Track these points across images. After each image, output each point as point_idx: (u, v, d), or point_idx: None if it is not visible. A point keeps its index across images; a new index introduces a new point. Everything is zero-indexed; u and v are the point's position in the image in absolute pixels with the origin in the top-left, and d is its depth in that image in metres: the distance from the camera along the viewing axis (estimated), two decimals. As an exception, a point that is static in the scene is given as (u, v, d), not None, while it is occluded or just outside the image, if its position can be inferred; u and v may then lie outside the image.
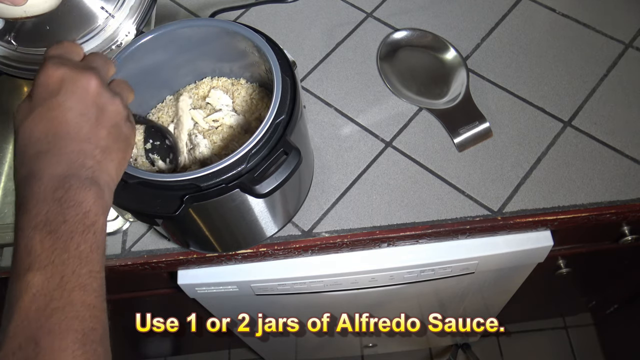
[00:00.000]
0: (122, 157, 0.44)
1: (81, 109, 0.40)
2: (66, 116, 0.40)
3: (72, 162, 0.39)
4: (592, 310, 1.49)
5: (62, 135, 0.39)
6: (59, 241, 0.36)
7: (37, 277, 0.35)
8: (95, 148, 0.41)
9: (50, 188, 0.38)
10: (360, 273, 0.75)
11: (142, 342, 1.43)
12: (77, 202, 0.38)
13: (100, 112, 0.42)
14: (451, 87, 0.78)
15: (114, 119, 0.43)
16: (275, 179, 0.50)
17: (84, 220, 0.38)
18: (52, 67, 0.41)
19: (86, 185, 0.39)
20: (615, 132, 0.72)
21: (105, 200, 0.40)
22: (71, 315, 0.35)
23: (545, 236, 0.73)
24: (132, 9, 0.60)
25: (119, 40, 0.60)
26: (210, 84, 0.66)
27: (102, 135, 0.41)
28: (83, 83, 0.41)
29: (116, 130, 0.43)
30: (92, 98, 0.41)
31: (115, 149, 0.43)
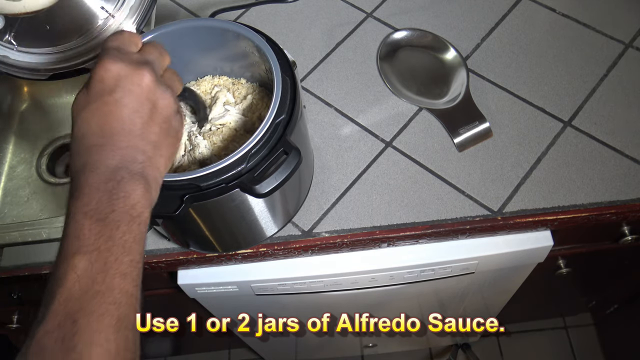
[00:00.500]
0: (172, 152, 0.45)
1: (135, 106, 0.42)
2: (121, 113, 0.42)
3: (125, 157, 0.41)
4: (592, 310, 1.49)
5: (117, 130, 0.41)
6: (106, 228, 0.38)
7: (82, 260, 0.37)
8: (147, 144, 0.42)
9: (103, 179, 0.39)
10: (360, 273, 0.75)
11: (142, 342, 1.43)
12: (126, 194, 0.40)
13: (153, 107, 0.43)
14: (451, 87, 0.78)
15: (165, 113, 0.44)
16: (275, 179, 0.50)
17: (131, 211, 0.39)
18: (109, 61, 0.42)
19: (136, 179, 0.40)
20: (615, 132, 0.72)
21: (152, 194, 0.42)
22: (110, 300, 0.37)
23: (545, 236, 0.73)
24: (132, 9, 0.60)
25: (119, 40, 0.60)
26: (212, 82, 0.66)
27: (154, 131, 0.43)
28: (138, 80, 0.42)
29: (167, 125, 0.44)
30: (145, 94, 0.43)
31: (165, 144, 0.44)
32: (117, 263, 0.38)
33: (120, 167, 0.40)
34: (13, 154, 0.96)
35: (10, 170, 0.94)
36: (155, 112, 0.43)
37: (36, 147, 0.96)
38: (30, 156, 0.95)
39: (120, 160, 0.41)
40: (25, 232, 0.73)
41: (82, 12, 0.58)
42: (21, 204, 0.90)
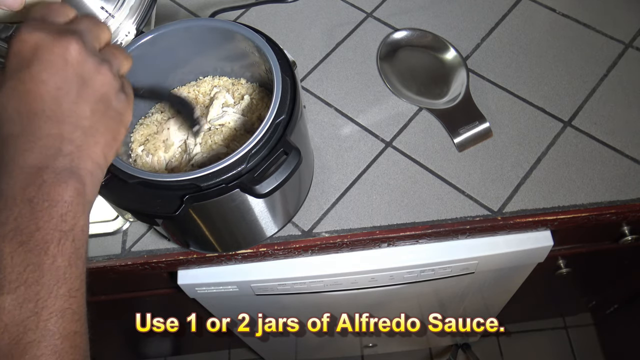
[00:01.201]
0: (112, 137, 0.37)
1: (58, 81, 0.34)
2: (40, 90, 0.33)
3: (47, 149, 0.33)
4: (592, 310, 1.49)
5: (36, 113, 0.33)
6: (31, 254, 0.31)
7: (7, 301, 0.30)
8: (75, 129, 0.34)
9: (21, 185, 0.32)
10: (360, 273, 0.75)
11: (142, 342, 1.43)
12: (52, 202, 0.32)
13: (83, 84, 0.35)
14: (451, 87, 0.78)
15: (100, 91, 0.36)
16: (275, 179, 0.50)
17: (61, 225, 0.32)
18: (26, 31, 0.34)
19: (62, 178, 0.33)
20: (615, 132, 0.72)
21: (87, 195, 0.34)
22: (48, 351, 0.30)
23: (545, 236, 0.73)
24: (132, 9, 0.60)
25: (119, 40, 0.60)
26: (211, 82, 0.66)
27: (84, 112, 0.35)
28: (61, 50, 0.34)
29: (103, 105, 0.36)
30: (72, 68, 0.34)
31: (102, 128, 0.36)
32: (52, 298, 0.31)
33: (41, 165, 0.32)
34: None
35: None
36: (86, 89, 0.35)
37: (36, 147, 0.96)
38: (30, 156, 0.95)
39: (41, 155, 0.33)
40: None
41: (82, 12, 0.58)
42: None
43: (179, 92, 0.64)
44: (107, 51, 0.38)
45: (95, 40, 0.37)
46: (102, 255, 0.70)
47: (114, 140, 0.37)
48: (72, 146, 0.34)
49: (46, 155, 0.33)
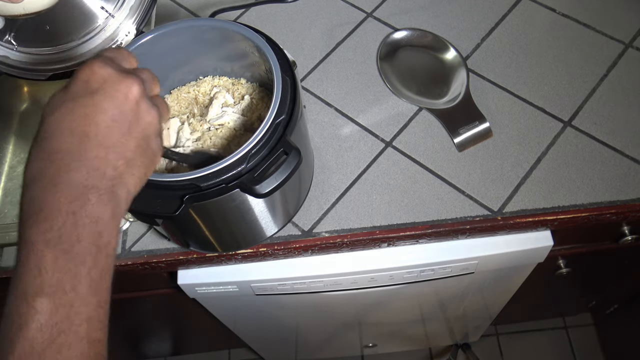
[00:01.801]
0: (144, 173, 0.41)
1: (116, 114, 0.38)
2: (98, 117, 0.37)
3: (94, 169, 0.36)
4: (592, 310, 1.49)
5: (89, 137, 0.36)
6: (71, 263, 0.33)
7: (45, 303, 0.32)
8: (120, 158, 0.38)
9: (67, 198, 0.34)
10: (360, 273, 0.75)
11: (142, 342, 1.43)
12: (94, 219, 0.35)
13: (135, 121, 0.39)
14: (451, 87, 0.78)
15: (147, 131, 0.40)
16: (275, 179, 0.50)
17: (98, 241, 0.35)
18: (98, 64, 0.38)
19: (104, 199, 0.36)
20: (615, 132, 0.72)
21: (120, 218, 0.38)
22: (77, 353, 0.33)
23: (545, 236, 0.73)
24: (132, 9, 0.60)
25: (119, 40, 0.60)
26: (211, 83, 0.66)
27: (130, 145, 0.38)
28: (124, 87, 0.38)
29: (145, 143, 0.40)
30: (130, 105, 0.38)
31: (139, 163, 0.39)
32: (84, 306, 0.33)
33: (87, 183, 0.35)
34: (13, 154, 0.95)
35: (10, 170, 0.94)
36: (136, 126, 0.39)
37: (36, 147, 0.96)
38: (30, 156, 0.95)
39: (87, 174, 0.35)
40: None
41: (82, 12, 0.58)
42: (21, 204, 0.90)
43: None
44: (157, 99, 0.43)
45: (151, 89, 0.42)
46: (102, 255, 0.70)
47: (145, 175, 0.41)
48: (115, 172, 0.37)
49: (92, 174, 0.36)
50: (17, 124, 0.98)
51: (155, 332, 1.34)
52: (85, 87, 0.37)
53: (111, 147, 0.37)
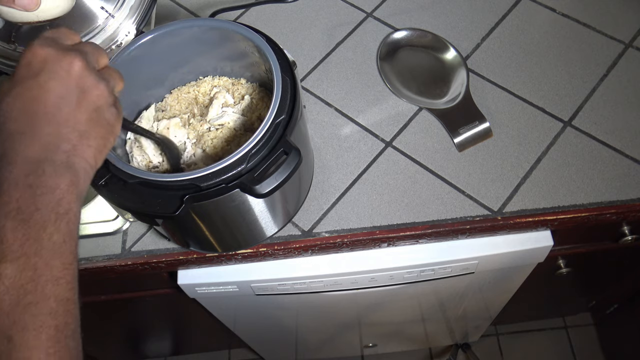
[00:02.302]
0: (102, 144, 0.42)
1: (61, 90, 0.39)
2: (45, 97, 0.39)
3: (47, 145, 0.38)
4: (592, 310, 1.49)
5: (39, 116, 0.38)
6: (31, 230, 0.35)
7: (9, 268, 0.34)
8: (72, 131, 0.39)
9: (23, 172, 0.37)
10: (360, 273, 0.75)
11: (142, 342, 1.43)
12: (50, 188, 0.37)
13: (82, 95, 0.40)
14: (451, 87, 0.78)
15: (96, 103, 0.41)
16: (275, 179, 0.50)
17: (57, 208, 0.37)
18: (38, 46, 0.40)
19: (60, 170, 0.38)
20: (615, 132, 0.72)
21: (80, 187, 0.39)
22: (45, 311, 0.35)
23: (545, 236, 0.73)
24: (132, 9, 0.60)
25: (119, 40, 0.60)
26: (211, 82, 0.66)
27: (81, 118, 0.40)
28: (66, 64, 0.40)
29: (97, 115, 0.41)
30: (74, 80, 0.40)
31: (95, 134, 0.41)
32: (48, 268, 0.35)
33: (42, 157, 0.37)
34: None
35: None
36: (84, 99, 0.40)
37: (36, 147, 0.96)
38: (30, 156, 0.95)
39: (42, 149, 0.38)
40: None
41: (82, 12, 0.58)
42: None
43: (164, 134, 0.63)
44: (105, 71, 0.44)
45: (96, 61, 0.43)
46: (102, 255, 0.70)
47: (104, 146, 0.43)
48: (69, 145, 0.39)
49: (46, 149, 0.38)
50: (17, 124, 0.98)
51: (155, 332, 1.34)
52: (28, 70, 0.39)
53: (62, 122, 0.39)
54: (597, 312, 1.49)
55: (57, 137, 0.39)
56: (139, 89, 0.64)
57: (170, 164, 0.60)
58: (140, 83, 0.63)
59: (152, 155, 0.61)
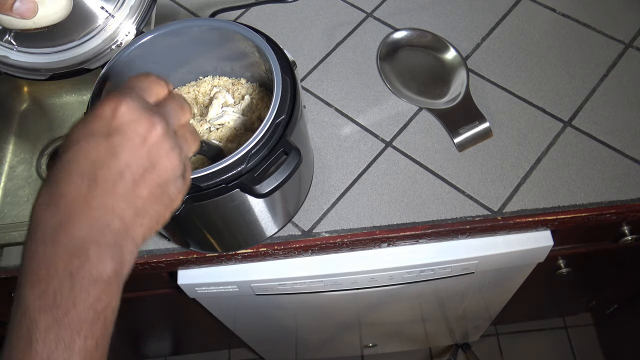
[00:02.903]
0: (156, 221, 0.38)
1: (130, 159, 0.35)
2: (110, 162, 0.34)
3: (97, 220, 0.34)
4: (592, 310, 1.49)
5: (98, 183, 0.34)
6: (64, 333, 0.32)
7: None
8: (128, 208, 0.35)
9: (65, 255, 0.32)
10: (360, 273, 0.75)
11: (142, 342, 1.43)
12: (93, 280, 0.33)
13: (151, 167, 0.36)
14: (451, 87, 0.78)
15: (163, 176, 0.36)
16: (275, 179, 0.50)
17: (96, 304, 0.33)
18: (120, 100, 0.35)
19: (105, 256, 0.34)
20: (615, 132, 0.72)
21: (123, 275, 0.36)
22: None
23: (545, 236, 0.73)
24: (132, 9, 0.60)
25: (119, 40, 0.60)
26: (211, 83, 0.66)
27: (142, 193, 0.35)
28: (144, 129, 0.35)
29: (161, 190, 0.37)
30: (147, 149, 0.35)
31: (152, 211, 0.37)
32: None
33: (88, 238, 0.33)
34: (13, 154, 0.96)
35: (10, 170, 0.94)
36: (151, 173, 0.36)
37: (36, 147, 0.96)
38: (30, 156, 0.95)
39: (90, 226, 0.33)
40: (25, 232, 0.72)
41: (82, 12, 0.58)
42: (21, 204, 0.90)
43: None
44: (181, 134, 0.39)
45: (177, 123, 0.39)
46: (102, 255, 0.70)
47: (156, 224, 0.38)
48: (121, 224, 0.35)
49: (96, 228, 0.33)
50: (17, 124, 0.98)
51: (155, 332, 1.34)
52: (102, 125, 0.34)
53: (120, 195, 0.34)
54: (597, 312, 1.49)
55: (110, 213, 0.34)
56: (139, 89, 0.64)
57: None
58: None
59: None
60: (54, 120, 0.99)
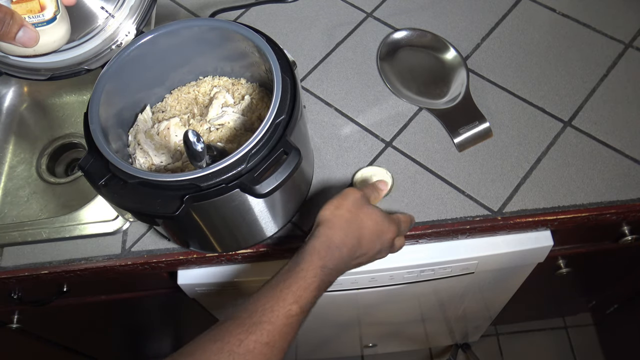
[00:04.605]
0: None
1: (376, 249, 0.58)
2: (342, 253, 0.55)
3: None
4: (592, 310, 1.49)
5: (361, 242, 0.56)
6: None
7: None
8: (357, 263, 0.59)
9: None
10: (360, 273, 0.75)
11: (142, 342, 1.43)
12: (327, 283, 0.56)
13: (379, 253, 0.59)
14: (451, 87, 0.78)
15: (377, 257, 0.60)
16: (275, 179, 0.50)
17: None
18: (395, 231, 0.59)
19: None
20: (615, 132, 0.72)
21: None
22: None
23: (545, 236, 0.73)
24: (132, 9, 0.60)
25: (119, 40, 0.60)
26: (211, 82, 0.66)
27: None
28: (389, 244, 0.59)
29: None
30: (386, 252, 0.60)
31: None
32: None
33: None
34: (13, 154, 0.96)
35: (10, 170, 0.94)
36: (379, 255, 0.60)
37: (36, 147, 0.96)
38: (30, 156, 0.95)
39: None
40: (25, 232, 0.73)
41: (82, 12, 0.58)
42: (21, 204, 0.90)
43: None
44: (397, 242, 0.61)
45: (404, 234, 0.62)
46: (102, 255, 0.70)
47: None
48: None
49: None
50: (17, 124, 0.98)
51: (155, 332, 1.34)
52: (375, 240, 0.57)
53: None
54: (597, 312, 1.49)
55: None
56: (139, 89, 0.64)
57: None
58: (140, 83, 0.63)
59: (154, 157, 0.61)
60: (54, 120, 0.99)
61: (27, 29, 0.49)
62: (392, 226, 0.58)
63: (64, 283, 0.81)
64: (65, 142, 0.96)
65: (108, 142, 0.54)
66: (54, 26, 0.51)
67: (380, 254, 0.59)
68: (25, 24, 0.49)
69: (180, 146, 0.62)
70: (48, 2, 0.49)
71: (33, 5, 0.49)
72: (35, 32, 0.49)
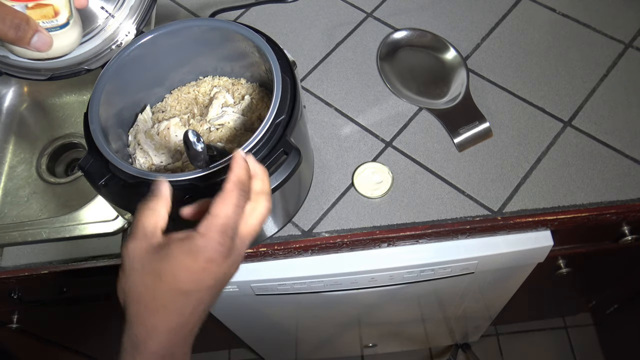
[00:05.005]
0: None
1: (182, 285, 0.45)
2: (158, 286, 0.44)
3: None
4: (592, 310, 1.49)
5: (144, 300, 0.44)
6: None
7: None
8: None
9: None
10: (360, 273, 0.75)
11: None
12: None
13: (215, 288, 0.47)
14: (451, 87, 0.78)
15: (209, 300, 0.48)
16: (275, 179, 0.50)
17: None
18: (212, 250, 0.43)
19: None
20: (615, 132, 0.72)
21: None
22: None
23: (545, 236, 0.73)
24: (132, 9, 0.60)
25: (119, 40, 0.60)
26: (211, 82, 0.66)
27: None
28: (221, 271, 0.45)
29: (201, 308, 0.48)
30: (216, 289, 0.47)
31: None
32: None
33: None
34: (13, 154, 0.96)
35: (10, 170, 0.94)
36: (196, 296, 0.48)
37: (36, 147, 0.96)
38: (30, 156, 0.95)
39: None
40: (25, 232, 0.73)
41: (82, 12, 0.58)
42: (21, 204, 0.90)
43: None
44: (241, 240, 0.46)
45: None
46: (102, 255, 0.70)
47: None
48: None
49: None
50: (17, 124, 0.98)
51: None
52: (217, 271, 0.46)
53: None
54: (597, 312, 1.49)
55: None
56: (139, 89, 0.64)
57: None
58: (140, 83, 0.63)
59: (154, 157, 0.61)
60: (54, 120, 0.99)
61: (41, 34, 0.49)
62: (203, 242, 0.43)
63: (64, 283, 0.81)
64: (65, 142, 0.96)
65: (108, 142, 0.54)
66: (66, 31, 0.51)
67: (227, 270, 0.46)
68: (40, 29, 0.49)
69: (180, 146, 0.62)
70: (62, 7, 0.50)
71: (47, 10, 0.50)
72: (49, 37, 0.50)
